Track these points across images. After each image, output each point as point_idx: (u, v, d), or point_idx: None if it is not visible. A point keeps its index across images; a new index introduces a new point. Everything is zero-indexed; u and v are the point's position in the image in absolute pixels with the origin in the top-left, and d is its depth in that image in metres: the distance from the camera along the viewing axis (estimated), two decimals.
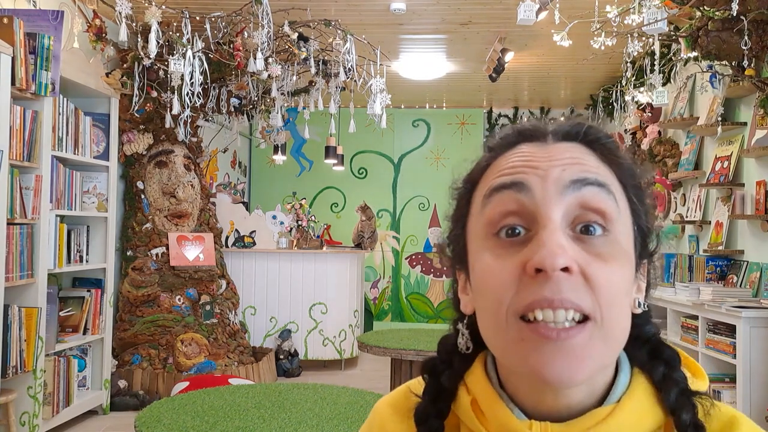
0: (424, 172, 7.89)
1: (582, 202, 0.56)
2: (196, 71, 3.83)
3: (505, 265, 0.56)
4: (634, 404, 0.58)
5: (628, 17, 3.41)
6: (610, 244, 0.56)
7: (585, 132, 0.60)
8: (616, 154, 0.60)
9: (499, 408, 0.59)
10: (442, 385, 0.65)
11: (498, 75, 5.44)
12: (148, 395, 4.42)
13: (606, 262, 0.55)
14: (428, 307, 7.89)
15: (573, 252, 0.54)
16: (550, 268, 0.52)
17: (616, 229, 0.56)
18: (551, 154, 0.58)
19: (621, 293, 0.55)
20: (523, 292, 0.54)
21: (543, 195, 0.56)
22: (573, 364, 0.53)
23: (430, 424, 0.64)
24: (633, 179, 0.60)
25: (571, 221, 0.56)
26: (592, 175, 0.57)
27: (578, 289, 0.53)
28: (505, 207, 0.57)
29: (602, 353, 0.55)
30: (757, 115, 3.97)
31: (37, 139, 3.42)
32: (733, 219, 4.26)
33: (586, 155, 0.59)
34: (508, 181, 0.58)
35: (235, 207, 5.98)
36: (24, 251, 3.32)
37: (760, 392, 3.38)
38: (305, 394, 2.63)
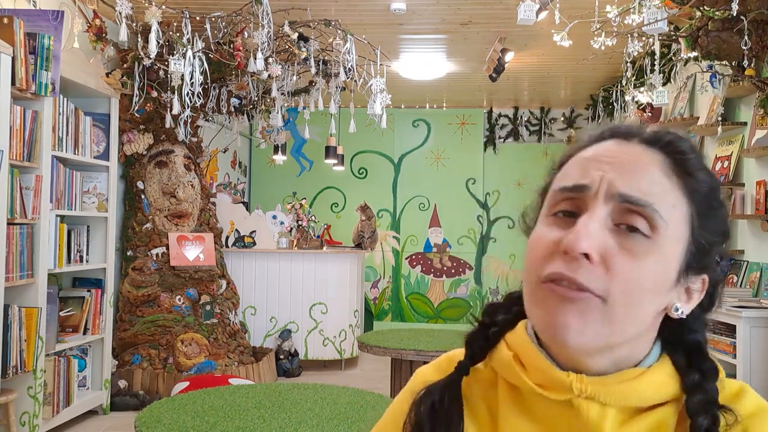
0: (424, 172, 7.89)
1: (627, 208, 0.62)
2: (196, 71, 3.83)
3: (548, 237, 0.64)
4: (661, 374, 0.65)
5: (628, 17, 3.41)
6: (649, 246, 0.61)
7: (668, 141, 0.65)
8: (690, 169, 0.64)
9: (540, 360, 0.66)
10: (495, 321, 0.73)
11: (498, 75, 5.44)
12: (148, 395, 4.42)
13: (636, 258, 0.61)
14: (428, 307, 7.89)
15: (603, 241, 0.61)
16: (570, 250, 0.60)
17: (660, 238, 0.62)
18: (621, 157, 0.64)
19: (642, 287, 0.61)
20: (550, 263, 0.62)
21: (596, 193, 0.63)
22: (574, 319, 0.61)
23: (474, 347, 0.73)
24: (703, 197, 0.65)
25: (619, 217, 0.62)
26: (637, 195, 0.62)
27: (595, 275, 0.60)
28: (565, 195, 0.65)
29: (603, 329, 0.61)
30: (757, 115, 3.97)
31: (37, 139, 3.42)
32: (733, 219, 4.26)
33: (652, 166, 0.64)
34: (574, 185, 0.65)
35: (235, 207, 5.98)
36: (24, 251, 3.32)
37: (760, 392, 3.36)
38: (305, 394, 2.63)
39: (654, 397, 0.65)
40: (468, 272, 7.90)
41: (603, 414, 0.64)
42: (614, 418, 0.64)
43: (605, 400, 0.64)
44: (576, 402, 0.64)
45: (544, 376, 0.66)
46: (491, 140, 7.90)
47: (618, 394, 0.64)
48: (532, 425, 0.67)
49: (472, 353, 0.73)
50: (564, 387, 0.64)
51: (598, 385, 0.64)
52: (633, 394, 0.64)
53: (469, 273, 7.90)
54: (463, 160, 7.87)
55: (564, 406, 0.65)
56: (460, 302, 7.86)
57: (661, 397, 0.65)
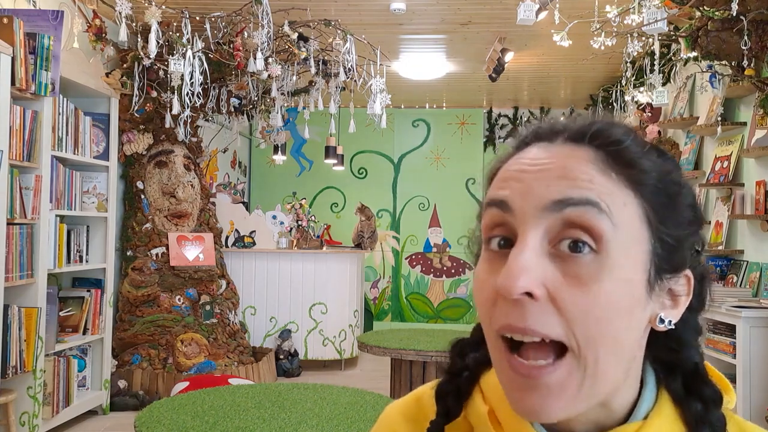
0: (424, 172, 7.89)
1: (567, 220, 0.51)
2: (196, 71, 3.83)
3: (489, 281, 0.53)
4: (662, 421, 0.56)
5: (628, 17, 3.41)
6: (599, 264, 0.50)
7: (593, 133, 0.54)
8: (632, 158, 0.53)
9: (518, 420, 0.56)
10: (467, 365, 0.63)
11: (498, 75, 5.44)
12: (148, 395, 4.42)
13: (585, 286, 0.50)
14: (428, 307, 7.89)
15: (544, 274, 0.50)
16: (506, 294, 0.50)
17: (611, 248, 0.51)
18: (546, 162, 0.53)
19: (608, 319, 0.50)
20: (498, 312, 0.52)
21: (522, 214, 0.52)
22: (546, 402, 0.50)
23: (447, 402, 0.62)
24: (655, 187, 0.54)
25: (554, 237, 0.51)
26: (578, 193, 0.51)
27: (546, 315, 0.50)
28: (492, 219, 0.55)
29: (582, 387, 0.51)
30: (757, 115, 3.97)
31: (37, 139, 3.42)
32: (733, 219, 4.26)
33: (585, 163, 0.53)
34: (494, 198, 0.55)
35: (235, 207, 5.98)
36: (24, 251, 3.32)
37: (760, 392, 3.38)
38: (305, 394, 2.63)
39: None
40: (468, 272, 7.90)
41: None
42: None
43: None
44: None
45: None
46: (491, 140, 7.90)
47: None
48: None
49: (446, 410, 0.62)
50: None
51: None
52: None
53: (469, 273, 7.90)
54: (463, 160, 7.87)
55: None
56: (459, 302, 7.86)
57: None
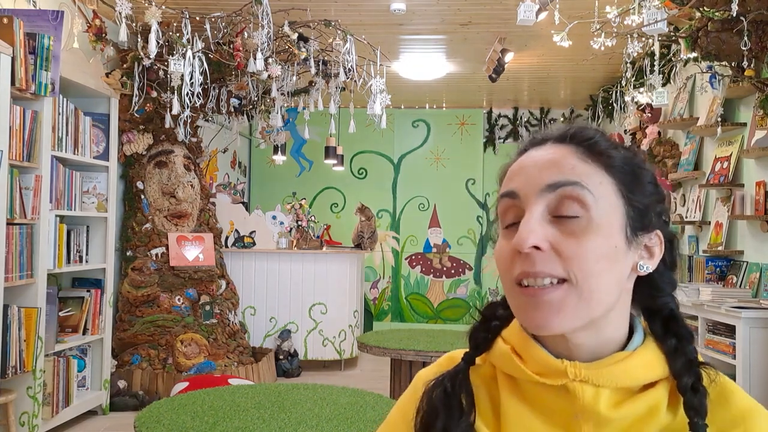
0: (424, 172, 7.89)
1: (559, 197, 0.70)
2: (195, 71, 3.83)
3: (506, 247, 0.72)
4: (647, 356, 0.71)
5: (628, 18, 3.41)
6: (585, 223, 0.69)
7: (572, 135, 0.74)
8: (601, 149, 0.72)
9: (536, 350, 0.72)
10: (497, 315, 0.80)
11: (498, 75, 5.44)
12: (148, 395, 4.42)
13: (578, 238, 0.68)
14: (428, 308, 7.89)
15: (546, 233, 0.69)
16: (520, 248, 0.68)
17: (594, 211, 0.69)
18: (539, 159, 0.73)
19: (596, 259, 0.68)
20: (515, 267, 0.70)
21: (526, 197, 0.72)
22: (548, 315, 0.68)
23: (478, 337, 0.79)
24: (622, 168, 0.72)
25: (553, 209, 0.70)
26: (564, 177, 0.70)
27: (551, 261, 0.68)
28: (504, 208, 0.74)
29: (577, 307, 0.68)
30: (757, 116, 3.97)
31: (37, 139, 3.42)
32: (733, 219, 4.26)
33: (569, 155, 0.72)
34: (504, 191, 0.75)
35: (234, 207, 5.98)
36: (24, 251, 3.32)
37: (759, 393, 3.38)
38: (305, 395, 2.63)
39: (644, 377, 0.70)
40: (468, 272, 7.90)
41: (597, 395, 0.69)
42: (608, 399, 0.69)
43: (598, 382, 0.69)
44: (571, 386, 0.69)
45: (541, 365, 0.71)
46: (491, 140, 7.90)
47: (609, 376, 0.69)
48: (532, 411, 0.73)
49: (476, 344, 0.79)
50: (559, 372, 0.70)
51: (590, 368, 0.69)
52: (623, 375, 0.69)
53: (469, 273, 7.90)
54: (462, 161, 7.87)
55: (560, 391, 0.70)
56: (459, 303, 7.86)
57: (651, 376, 0.70)
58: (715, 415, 0.68)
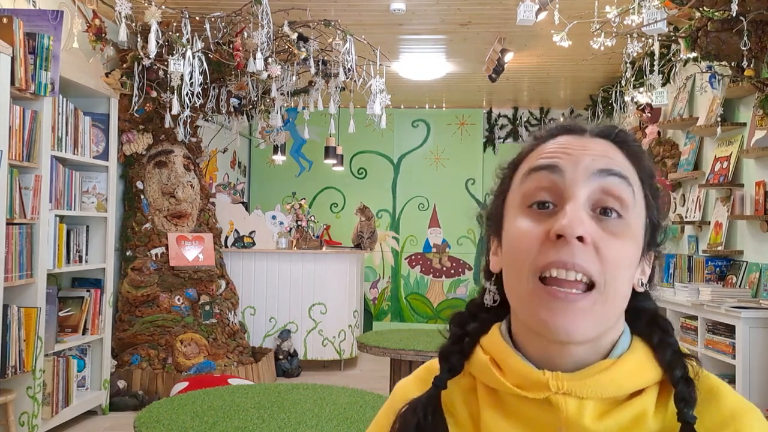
0: (423, 172, 7.89)
1: (605, 188, 0.66)
2: (195, 71, 3.83)
3: (534, 230, 0.66)
4: (633, 360, 0.68)
5: (628, 18, 3.41)
6: (623, 226, 0.66)
7: (617, 134, 0.71)
8: (639, 155, 0.71)
9: (517, 361, 0.68)
10: (467, 331, 0.75)
11: (498, 75, 5.44)
12: (148, 395, 4.41)
13: (617, 238, 0.65)
14: (428, 308, 7.89)
15: (590, 226, 0.64)
16: (569, 235, 0.63)
17: (630, 215, 0.67)
18: (585, 146, 0.69)
19: (625, 266, 0.66)
20: (544, 253, 0.65)
21: (573, 177, 0.67)
22: (574, 321, 0.63)
23: (451, 360, 0.74)
24: (650, 179, 0.71)
25: (593, 203, 0.66)
26: (617, 168, 0.67)
27: (589, 257, 0.64)
28: (540, 183, 0.68)
29: (601, 315, 0.65)
30: (757, 116, 3.97)
31: (37, 139, 3.42)
32: (733, 219, 4.26)
33: (614, 152, 0.69)
34: (545, 163, 0.69)
35: (234, 207, 5.97)
36: (23, 251, 3.32)
37: (759, 392, 3.38)
38: (305, 395, 2.63)
39: (631, 385, 0.66)
40: (467, 272, 7.90)
41: (581, 408, 0.65)
42: (593, 411, 0.65)
43: (582, 394, 0.65)
44: (554, 399, 0.66)
45: (521, 377, 0.67)
46: (491, 140, 7.90)
47: (594, 386, 0.65)
48: (513, 426, 0.68)
49: (450, 366, 0.74)
50: (541, 385, 0.66)
51: (573, 380, 0.66)
52: (609, 385, 0.66)
53: (469, 273, 7.90)
54: (462, 161, 7.87)
55: (543, 404, 0.66)
56: (459, 302, 7.86)
57: (638, 383, 0.67)
58: (704, 416, 0.65)
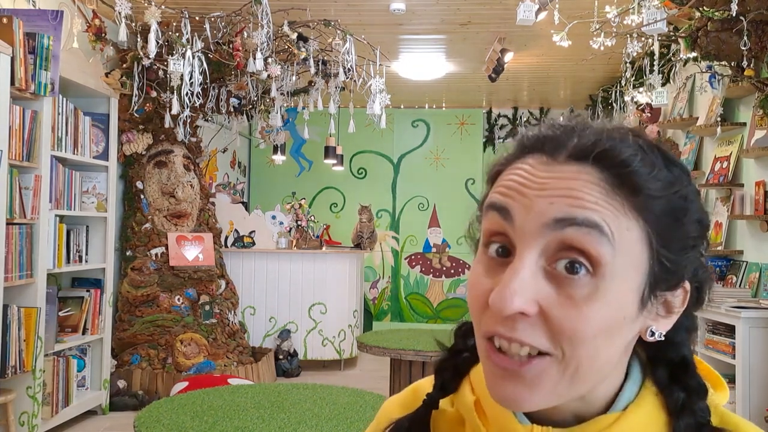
0: (423, 172, 7.90)
1: (565, 242, 0.51)
2: (195, 71, 3.83)
3: (484, 284, 0.55)
4: (641, 416, 0.56)
5: (628, 17, 3.41)
6: (594, 287, 0.51)
7: (599, 155, 0.52)
8: (638, 183, 0.52)
9: (502, 411, 0.59)
10: (468, 347, 0.66)
11: (497, 75, 5.44)
12: (148, 395, 4.41)
13: (577, 307, 0.51)
14: (427, 308, 7.89)
15: (538, 292, 0.51)
16: (499, 313, 0.51)
17: (608, 271, 0.51)
18: (546, 180, 0.53)
19: (594, 335, 0.51)
20: (486, 318, 0.54)
21: (523, 228, 0.53)
22: (523, 391, 0.53)
23: (444, 376, 0.66)
24: (662, 210, 0.53)
25: (551, 257, 0.52)
26: (583, 214, 0.51)
27: (535, 329, 0.51)
28: (493, 227, 0.56)
29: (559, 384, 0.52)
30: (757, 116, 3.97)
31: (37, 138, 3.42)
32: (733, 219, 4.27)
33: (589, 184, 0.52)
34: (497, 204, 0.55)
35: (234, 207, 5.97)
36: (23, 251, 3.32)
37: (759, 392, 3.38)
38: (304, 395, 2.63)
39: None
40: (467, 272, 7.88)
41: None
42: None
43: None
44: None
45: (504, 429, 0.59)
46: (491, 140, 7.90)
47: None
48: None
49: (442, 383, 0.65)
50: None
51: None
52: None
53: (469, 273, 7.89)
54: (462, 161, 7.87)
55: None
56: (459, 302, 7.86)
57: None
58: None
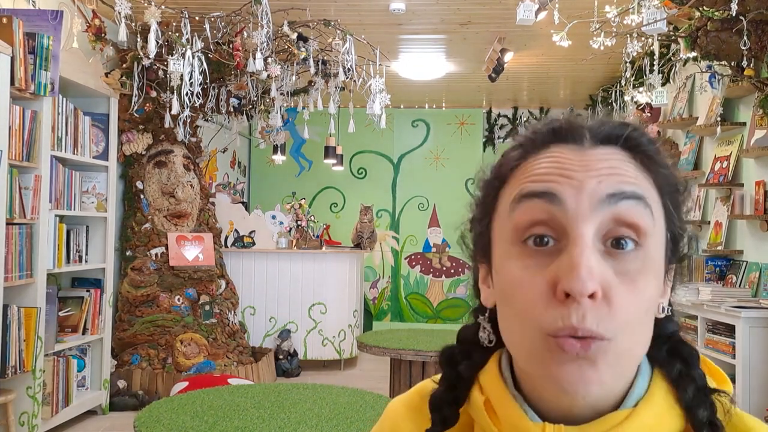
0: (423, 172, 7.90)
1: (617, 217, 0.53)
2: (195, 71, 3.83)
3: (534, 280, 0.53)
4: (652, 409, 0.56)
5: (628, 17, 3.41)
6: (641, 259, 0.53)
7: (627, 137, 0.57)
8: (656, 160, 0.57)
9: (513, 409, 0.58)
10: (460, 374, 0.64)
11: (497, 75, 5.44)
12: (148, 395, 4.41)
13: (633, 280, 0.53)
14: (427, 307, 7.89)
15: (601, 271, 0.52)
16: (578, 295, 0.51)
17: (649, 242, 0.54)
18: (587, 162, 0.55)
19: (643, 314, 0.54)
20: (551, 313, 0.52)
21: (576, 209, 0.53)
22: (589, 373, 0.52)
23: (443, 412, 0.63)
24: (671, 186, 0.58)
25: (603, 235, 0.53)
26: (630, 188, 0.54)
27: (601, 316, 0.52)
28: (534, 216, 0.55)
29: (613, 364, 0.53)
30: (756, 115, 3.97)
31: (37, 139, 3.42)
32: (733, 219, 4.27)
33: (624, 163, 0.55)
34: (539, 190, 0.55)
35: (234, 207, 5.97)
36: (23, 251, 3.32)
37: (759, 392, 3.38)
38: (304, 394, 2.63)
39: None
40: (467, 272, 7.87)
41: None
42: None
43: None
44: None
45: (515, 427, 0.58)
46: (490, 140, 7.90)
47: None
48: None
49: (443, 418, 0.63)
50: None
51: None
52: None
53: (469, 273, 7.88)
54: (462, 160, 7.87)
55: None
56: (459, 302, 7.86)
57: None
58: None
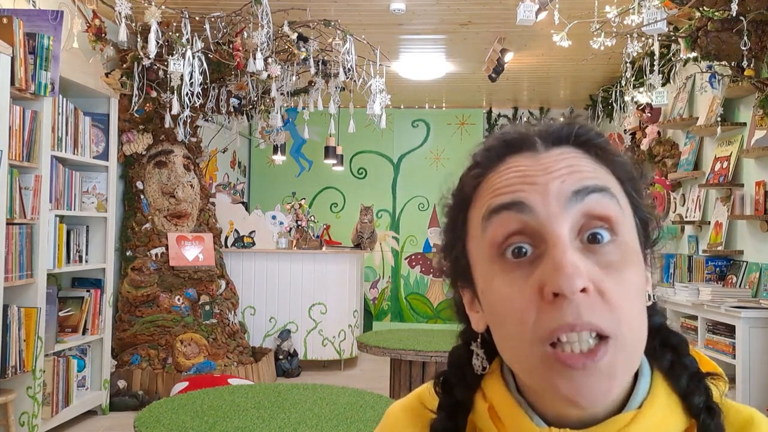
0: (423, 172, 7.90)
1: (587, 212, 0.53)
2: (195, 71, 3.83)
3: (521, 290, 0.53)
4: (656, 409, 0.56)
5: (628, 17, 3.41)
6: (620, 248, 0.54)
7: (576, 134, 0.57)
8: (609, 151, 0.58)
9: (518, 415, 0.58)
10: (457, 398, 0.63)
11: (497, 75, 5.44)
12: (148, 395, 4.42)
13: (619, 271, 0.53)
14: (428, 308, 7.89)
15: (585, 267, 0.52)
16: (569, 292, 0.50)
17: (623, 231, 0.54)
18: (546, 165, 0.55)
19: (637, 301, 0.54)
20: (543, 317, 0.52)
21: (547, 212, 0.53)
22: (604, 385, 0.51)
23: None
24: (628, 173, 0.58)
25: (578, 232, 0.54)
26: (592, 182, 0.54)
27: (596, 308, 0.51)
28: (508, 228, 0.55)
29: (626, 366, 0.53)
30: (757, 116, 3.97)
31: (37, 139, 3.42)
32: (733, 219, 4.26)
33: (580, 159, 0.56)
34: (507, 201, 0.55)
35: (234, 207, 5.98)
36: (23, 251, 3.32)
37: (759, 392, 3.38)
38: (304, 395, 2.63)
39: None
40: None
41: None
42: None
43: None
44: None
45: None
46: None
47: None
48: None
49: None
50: None
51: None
52: None
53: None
54: (462, 161, 7.69)
55: None
56: None
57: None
58: None
